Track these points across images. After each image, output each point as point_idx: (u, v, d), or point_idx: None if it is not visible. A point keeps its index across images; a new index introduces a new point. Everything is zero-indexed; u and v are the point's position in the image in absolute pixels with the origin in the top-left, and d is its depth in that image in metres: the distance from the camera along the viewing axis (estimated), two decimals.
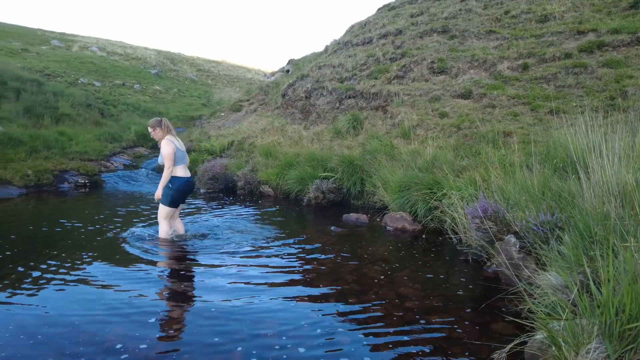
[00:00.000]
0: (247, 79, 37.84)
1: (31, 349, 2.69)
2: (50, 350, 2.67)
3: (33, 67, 20.76)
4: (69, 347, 2.70)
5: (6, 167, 9.29)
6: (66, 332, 2.91)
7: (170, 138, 4.97)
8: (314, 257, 4.63)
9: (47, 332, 2.90)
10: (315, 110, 11.65)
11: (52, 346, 2.72)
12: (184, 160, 5.11)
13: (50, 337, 2.84)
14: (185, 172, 5.11)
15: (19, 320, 3.07)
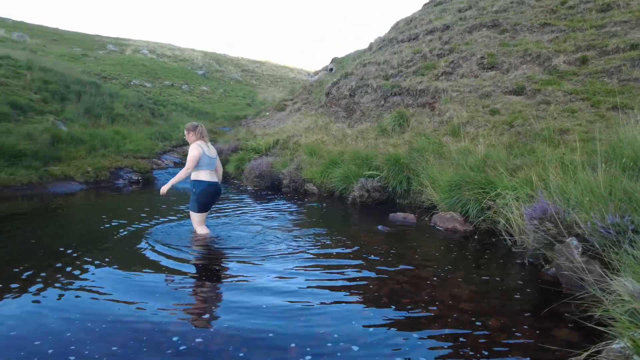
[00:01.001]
0: (289, 79, 38.26)
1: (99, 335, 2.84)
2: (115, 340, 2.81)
3: (91, 71, 22.04)
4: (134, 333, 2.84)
5: (70, 164, 9.92)
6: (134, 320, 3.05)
7: (200, 143, 5.09)
8: (362, 256, 4.59)
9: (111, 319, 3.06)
10: (360, 108, 11.58)
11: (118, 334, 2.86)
12: (211, 166, 5.16)
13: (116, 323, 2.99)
14: (211, 177, 5.15)
15: (83, 306, 3.26)
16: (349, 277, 3.95)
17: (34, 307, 3.25)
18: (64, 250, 4.69)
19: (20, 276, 3.85)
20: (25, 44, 24.20)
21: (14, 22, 33.68)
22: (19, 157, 9.13)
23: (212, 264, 4.45)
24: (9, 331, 2.88)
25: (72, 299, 3.42)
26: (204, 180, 5.06)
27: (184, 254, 4.61)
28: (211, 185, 5.11)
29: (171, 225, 5.93)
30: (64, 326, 2.94)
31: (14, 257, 4.46)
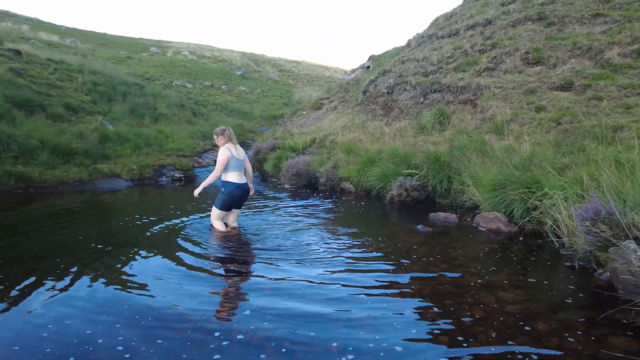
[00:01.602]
0: (325, 78, 38.33)
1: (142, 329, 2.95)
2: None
3: (136, 72, 22.97)
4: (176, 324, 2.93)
5: (116, 162, 10.40)
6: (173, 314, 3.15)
7: (228, 146, 5.28)
8: (402, 256, 4.52)
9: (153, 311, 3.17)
10: (398, 106, 11.43)
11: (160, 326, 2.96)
12: (240, 167, 5.33)
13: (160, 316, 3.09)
14: (239, 178, 5.32)
15: (131, 301, 3.39)
16: (388, 278, 3.90)
17: (86, 295, 3.43)
18: (110, 243, 4.92)
19: (72, 267, 4.07)
20: (77, 48, 25.54)
21: (67, 28, 35.63)
22: (71, 155, 9.66)
23: (249, 264, 4.44)
24: (63, 319, 3.04)
25: (119, 292, 3.57)
26: (232, 182, 5.27)
27: (219, 253, 4.71)
28: (239, 187, 5.30)
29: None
30: (111, 318, 3.08)
31: (67, 249, 4.71)
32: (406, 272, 4.02)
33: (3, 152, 8.52)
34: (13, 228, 5.66)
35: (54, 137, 9.75)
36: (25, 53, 14.56)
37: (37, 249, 4.73)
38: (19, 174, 8.31)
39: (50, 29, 31.19)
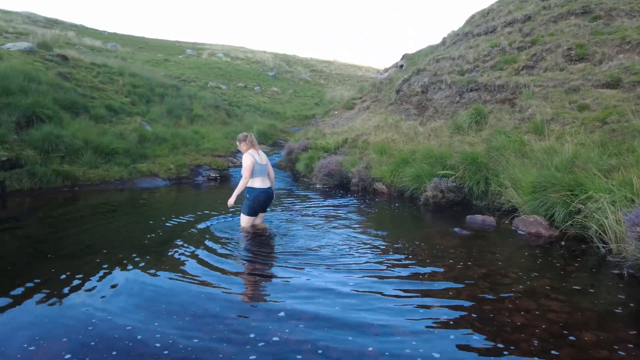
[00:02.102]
0: (357, 77, 38.17)
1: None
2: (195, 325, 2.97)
3: (172, 74, 23.65)
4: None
5: (154, 161, 10.73)
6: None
7: (252, 152, 5.38)
8: (439, 260, 4.43)
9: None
10: (432, 105, 11.22)
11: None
12: (263, 173, 5.43)
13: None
14: (263, 183, 5.42)
15: (179, 299, 3.49)
16: (424, 282, 3.83)
17: (127, 292, 3.55)
18: (150, 240, 5.08)
19: (115, 263, 4.23)
20: (118, 52, 26.58)
21: (109, 33, 37.16)
22: (112, 155, 10.05)
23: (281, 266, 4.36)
24: (107, 314, 3.16)
25: (157, 290, 3.67)
26: (256, 187, 5.37)
27: (251, 255, 4.75)
28: (263, 192, 5.41)
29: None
30: (150, 315, 3.17)
31: (110, 245, 4.90)
32: (443, 276, 3.94)
33: (52, 152, 8.97)
34: (61, 225, 5.95)
35: (96, 137, 10.17)
36: (71, 58, 15.28)
37: (83, 244, 4.95)
38: (65, 173, 8.72)
39: (94, 35, 32.63)
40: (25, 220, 6.39)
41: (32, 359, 2.57)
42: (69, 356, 2.59)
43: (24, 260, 4.44)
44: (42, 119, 9.63)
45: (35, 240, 5.20)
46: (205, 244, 4.95)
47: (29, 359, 2.57)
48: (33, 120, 9.51)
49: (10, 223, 6.11)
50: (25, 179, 8.17)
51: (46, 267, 4.11)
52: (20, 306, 3.26)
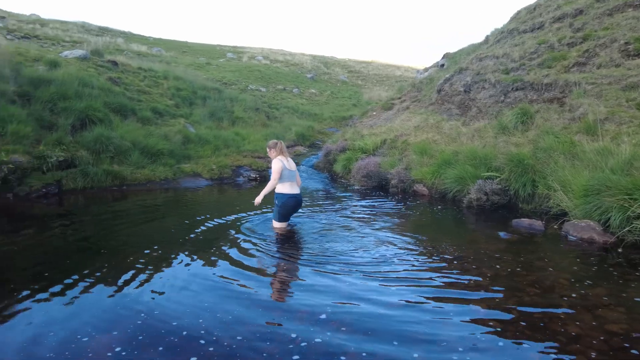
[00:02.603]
0: (396, 77, 37.71)
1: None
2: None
3: (214, 78, 24.28)
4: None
5: (198, 162, 11.06)
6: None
7: (281, 158, 5.56)
8: (484, 265, 4.28)
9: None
10: (476, 105, 10.89)
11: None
12: (292, 178, 5.55)
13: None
14: (292, 189, 5.54)
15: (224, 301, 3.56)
16: (470, 287, 3.71)
17: (173, 288, 3.67)
18: (194, 237, 5.23)
19: (165, 258, 4.38)
20: (162, 56, 27.62)
21: (154, 39, 38.71)
22: (158, 155, 10.45)
23: (321, 270, 4.30)
24: (153, 309, 3.27)
25: (202, 287, 3.77)
26: (285, 192, 5.49)
27: (290, 257, 4.74)
28: (292, 197, 5.53)
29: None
30: (196, 311, 3.25)
31: (158, 241, 5.08)
32: (489, 282, 3.79)
33: (102, 152, 9.44)
34: (111, 222, 6.24)
35: (143, 138, 10.61)
36: (120, 63, 16.03)
37: (131, 241, 5.17)
38: (114, 173, 9.15)
39: (140, 40, 34.07)
40: (80, 217, 6.75)
41: (85, 349, 2.69)
42: (119, 349, 2.70)
43: (78, 255, 4.68)
44: (94, 121, 10.15)
45: (89, 236, 5.49)
46: (244, 245, 5.02)
47: (81, 349, 2.70)
48: (86, 122, 10.05)
49: (67, 220, 6.47)
50: (79, 178, 8.64)
51: (98, 262, 4.32)
52: (74, 298, 3.43)
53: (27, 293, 3.52)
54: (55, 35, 24.98)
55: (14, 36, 22.78)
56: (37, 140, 8.79)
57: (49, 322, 3.04)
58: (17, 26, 25.44)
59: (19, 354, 2.65)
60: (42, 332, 2.89)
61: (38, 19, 31.27)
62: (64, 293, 3.53)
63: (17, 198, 7.74)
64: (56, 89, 10.23)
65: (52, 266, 4.23)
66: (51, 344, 2.74)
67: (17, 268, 4.26)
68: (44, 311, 3.21)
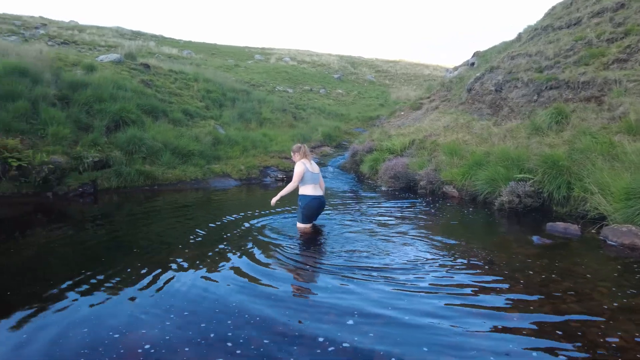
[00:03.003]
0: (424, 76, 37.17)
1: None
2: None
3: (242, 79, 24.60)
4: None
5: (227, 163, 11.25)
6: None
7: (304, 161, 5.66)
8: (517, 270, 4.13)
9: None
10: (507, 104, 10.59)
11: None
12: (315, 181, 5.64)
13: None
14: (315, 191, 5.61)
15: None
16: (502, 293, 3.59)
17: (200, 291, 3.72)
18: (224, 237, 5.29)
19: (195, 257, 4.46)
20: (192, 59, 28.22)
21: (184, 42, 39.61)
22: (188, 156, 10.69)
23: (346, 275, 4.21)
24: (182, 311, 3.33)
25: (227, 291, 3.80)
26: (308, 194, 5.57)
27: (314, 261, 4.73)
28: (315, 199, 5.59)
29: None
30: (223, 316, 3.28)
31: (188, 240, 5.18)
32: (522, 288, 3.66)
33: (135, 153, 9.73)
34: (143, 221, 6.41)
35: (174, 139, 10.87)
36: (152, 66, 16.48)
37: (162, 240, 5.29)
38: (146, 173, 9.41)
39: (171, 43, 34.93)
40: (114, 215, 6.97)
41: (117, 346, 2.76)
42: (148, 346, 2.75)
43: (111, 252, 4.83)
44: (127, 123, 10.48)
45: (121, 234, 5.66)
46: (270, 247, 5.04)
47: (114, 346, 2.76)
48: (120, 124, 10.38)
49: (101, 218, 6.70)
50: (113, 178, 8.94)
51: (130, 260, 4.44)
52: (107, 295, 3.54)
53: (64, 287, 3.66)
54: (92, 41, 25.94)
55: (55, 42, 23.82)
56: (74, 141, 9.15)
57: (83, 317, 3.14)
58: (57, 33, 26.58)
59: (52, 346, 2.75)
60: (75, 327, 2.99)
61: (76, 25, 32.57)
62: (97, 289, 3.64)
63: (56, 197, 8.08)
64: (92, 92, 10.61)
65: (87, 263, 4.37)
66: (84, 340, 2.83)
67: (55, 264, 4.44)
68: (77, 307, 3.32)
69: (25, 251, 4.82)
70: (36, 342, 2.81)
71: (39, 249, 4.95)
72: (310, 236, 5.50)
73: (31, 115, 8.98)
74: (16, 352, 2.72)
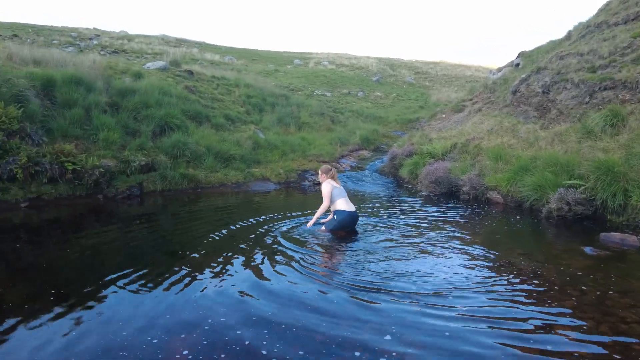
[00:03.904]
0: (466, 77, 36.19)
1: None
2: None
3: (282, 84, 24.94)
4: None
5: (266, 166, 11.42)
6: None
7: (330, 181, 5.98)
8: (568, 284, 3.89)
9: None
10: (556, 106, 10.10)
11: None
12: (344, 194, 5.94)
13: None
14: (348, 206, 5.82)
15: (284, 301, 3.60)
16: (551, 310, 3.40)
17: (238, 295, 3.77)
18: (263, 240, 5.35)
19: (237, 260, 4.53)
20: (233, 65, 28.95)
21: (225, 48, 40.70)
22: (230, 160, 10.95)
23: (389, 285, 4.12)
24: (219, 315, 3.37)
25: (269, 294, 3.82)
26: (344, 209, 5.78)
27: (350, 274, 4.69)
28: (350, 215, 5.79)
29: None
30: (262, 322, 3.30)
31: (230, 243, 5.27)
32: (575, 305, 3.44)
33: (179, 157, 10.07)
34: (187, 223, 6.60)
35: (216, 144, 11.17)
36: (195, 72, 17.03)
37: (205, 242, 5.41)
38: (190, 176, 9.72)
39: (213, 50, 35.98)
40: (159, 217, 7.24)
41: (157, 352, 2.79)
42: (186, 352, 2.77)
43: (155, 253, 5.01)
44: (172, 128, 10.87)
45: (165, 235, 5.87)
46: (307, 252, 5.04)
47: (154, 352, 2.80)
48: (165, 129, 10.79)
49: (147, 219, 6.97)
50: (158, 181, 9.29)
51: (172, 262, 4.56)
52: (148, 297, 3.64)
53: (111, 284, 3.83)
54: (140, 49, 27.17)
55: (106, 51, 25.15)
56: (122, 146, 9.59)
57: (125, 317, 3.25)
58: (109, 42, 28.07)
59: (99, 341, 2.85)
60: (117, 327, 3.08)
61: (126, 35, 34.25)
62: (139, 291, 3.75)
63: (105, 199, 8.50)
64: (140, 99, 11.09)
65: (131, 263, 4.54)
66: (124, 342, 2.90)
67: (104, 261, 4.64)
68: (121, 306, 3.44)
69: (78, 248, 5.11)
70: (85, 336, 2.94)
71: (90, 247, 5.21)
72: (344, 243, 5.46)
73: (85, 121, 9.50)
74: (68, 345, 2.85)
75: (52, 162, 7.97)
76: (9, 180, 7.56)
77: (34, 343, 2.90)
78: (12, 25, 29.94)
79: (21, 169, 7.54)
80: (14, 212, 7.13)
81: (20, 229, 6.25)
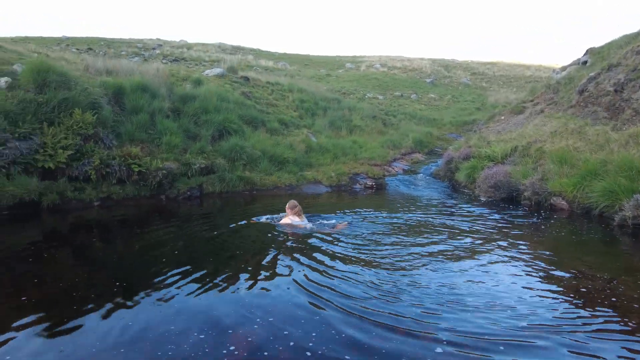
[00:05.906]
0: (525, 77, 34.50)
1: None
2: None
3: (334, 88, 25.09)
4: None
5: (318, 170, 11.53)
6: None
7: (292, 217, 6.47)
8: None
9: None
10: (630, 106, 9.35)
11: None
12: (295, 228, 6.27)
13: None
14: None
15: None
16: (633, 332, 3.12)
17: (286, 297, 3.82)
18: (313, 242, 5.40)
19: (284, 262, 4.62)
20: (286, 70, 29.56)
21: (279, 54, 41.68)
22: (283, 163, 11.17)
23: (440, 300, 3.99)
24: (267, 315, 3.44)
25: (308, 299, 3.84)
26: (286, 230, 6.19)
27: (399, 289, 4.59)
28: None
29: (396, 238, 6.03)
30: (306, 325, 3.33)
31: (283, 245, 5.37)
32: None
33: (236, 160, 10.43)
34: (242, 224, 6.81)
35: (271, 148, 11.45)
36: (251, 78, 17.58)
37: (259, 244, 5.56)
38: (246, 179, 10.03)
39: (267, 56, 36.97)
40: (217, 217, 7.53)
41: (202, 346, 2.93)
42: (232, 348, 2.90)
43: (211, 252, 5.24)
44: (229, 132, 11.28)
45: (222, 234, 6.10)
46: (353, 256, 5.03)
47: (198, 343, 2.95)
48: (223, 133, 11.22)
49: (206, 219, 7.27)
50: (217, 183, 9.65)
51: (227, 260, 4.77)
52: (200, 294, 3.82)
53: (167, 282, 4.06)
54: (198, 57, 28.51)
55: (167, 60, 26.63)
56: (184, 150, 10.08)
57: (175, 312, 3.44)
58: (170, 51, 29.72)
59: (156, 330, 3.02)
60: (168, 324, 3.26)
61: (185, 44, 36.10)
62: (192, 287, 3.96)
63: (167, 199, 8.97)
64: (199, 104, 11.62)
65: (189, 260, 4.79)
66: (172, 335, 3.06)
67: (167, 258, 4.89)
68: (175, 302, 3.64)
69: (143, 245, 5.45)
70: (142, 325, 3.12)
71: (154, 244, 5.54)
72: (381, 251, 5.37)
73: (149, 126, 10.10)
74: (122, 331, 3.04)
75: (121, 164, 8.55)
76: (84, 180, 8.21)
77: (103, 328, 3.15)
78: (87, 40, 32.61)
79: (94, 170, 8.17)
80: (88, 211, 7.72)
81: (94, 226, 6.78)
